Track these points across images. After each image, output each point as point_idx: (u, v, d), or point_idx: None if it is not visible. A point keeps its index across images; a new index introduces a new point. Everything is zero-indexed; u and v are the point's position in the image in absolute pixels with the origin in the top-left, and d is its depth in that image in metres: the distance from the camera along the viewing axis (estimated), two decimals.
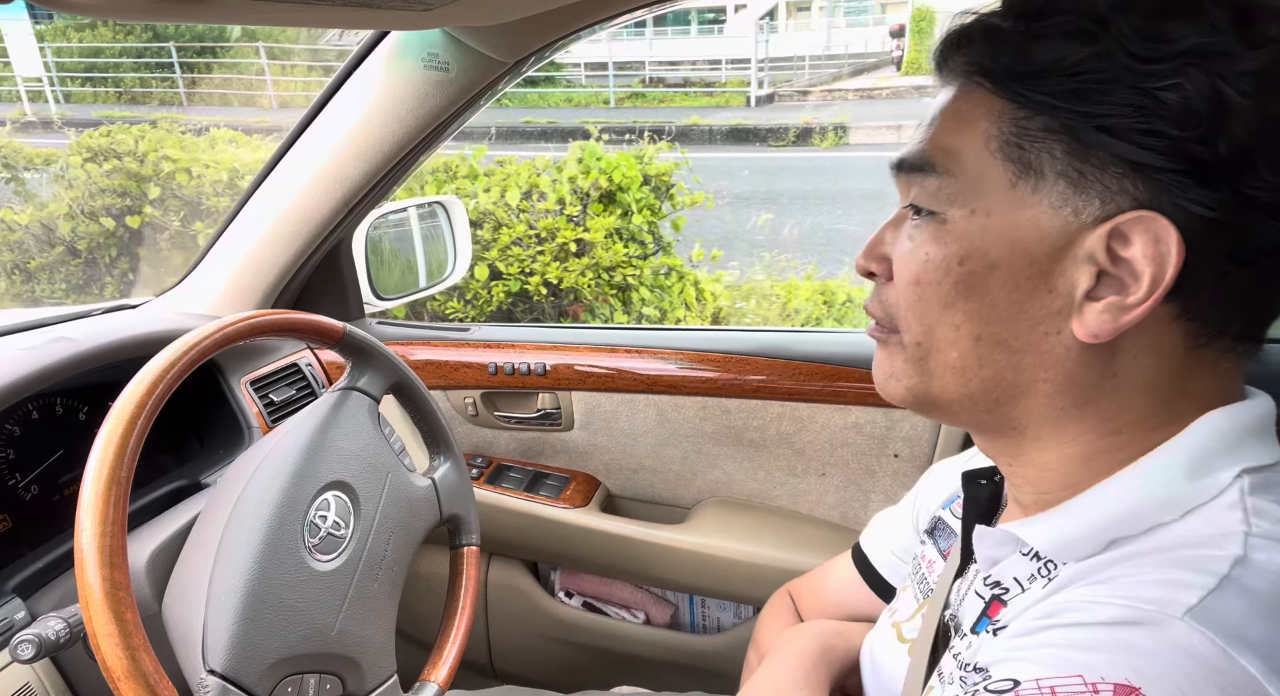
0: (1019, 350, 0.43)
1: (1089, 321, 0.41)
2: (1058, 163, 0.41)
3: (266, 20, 0.74)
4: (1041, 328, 0.43)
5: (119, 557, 0.57)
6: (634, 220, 2.97)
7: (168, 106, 11.51)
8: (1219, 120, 0.37)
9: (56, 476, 0.90)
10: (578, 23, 0.90)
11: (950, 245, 0.44)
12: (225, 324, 0.71)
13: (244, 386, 1.06)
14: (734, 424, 1.17)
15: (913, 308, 0.46)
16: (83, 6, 0.65)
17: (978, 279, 0.43)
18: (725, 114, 11.02)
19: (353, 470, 0.77)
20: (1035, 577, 0.46)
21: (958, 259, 0.44)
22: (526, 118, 10.96)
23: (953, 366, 0.46)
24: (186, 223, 3.52)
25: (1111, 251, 0.40)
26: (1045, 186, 0.41)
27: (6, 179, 4.30)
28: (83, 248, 3.72)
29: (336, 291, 1.25)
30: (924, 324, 0.46)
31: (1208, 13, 0.38)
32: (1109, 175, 0.40)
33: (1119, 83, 0.39)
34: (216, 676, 0.62)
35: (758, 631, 0.79)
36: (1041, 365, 0.43)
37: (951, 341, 0.45)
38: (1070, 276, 0.41)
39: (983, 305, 0.43)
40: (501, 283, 2.91)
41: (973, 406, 0.46)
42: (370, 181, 1.06)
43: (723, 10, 17.99)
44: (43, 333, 0.91)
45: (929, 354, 0.46)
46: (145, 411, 0.62)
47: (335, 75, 1.02)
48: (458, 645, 0.86)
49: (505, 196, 2.89)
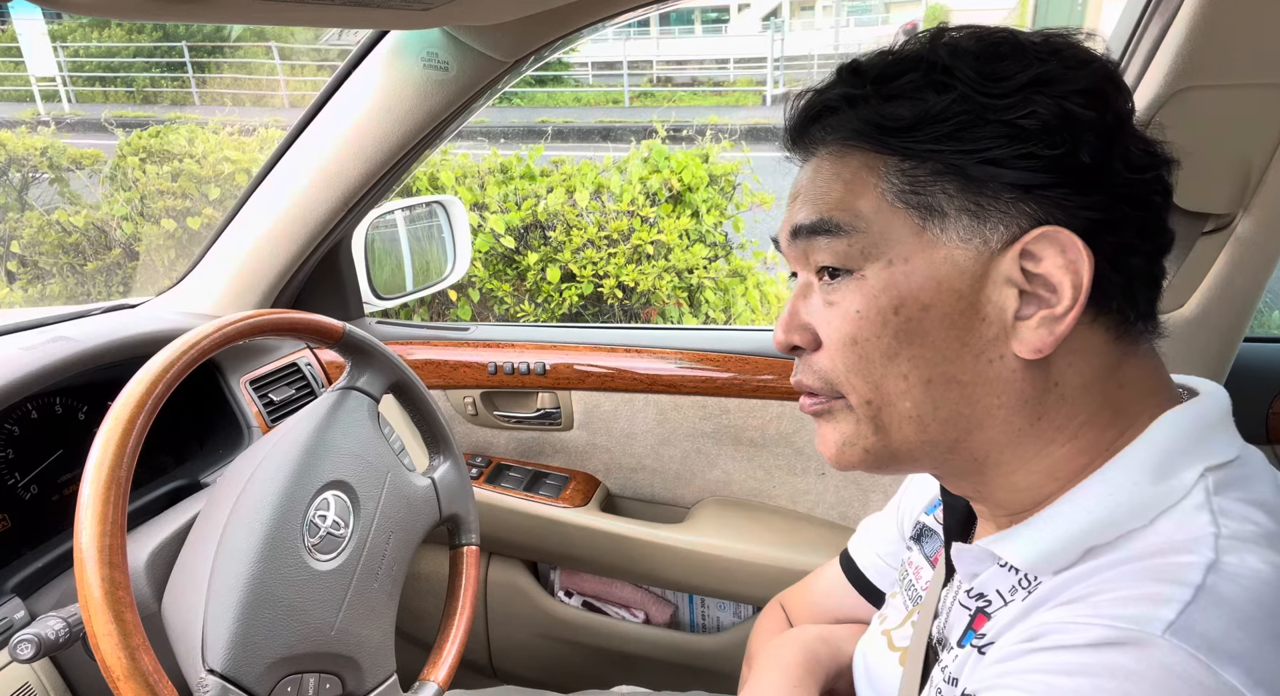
0: (969, 383, 0.44)
1: (1027, 339, 0.43)
2: (954, 200, 0.43)
3: (266, 20, 0.74)
4: (985, 356, 0.44)
5: (118, 557, 0.57)
6: (705, 221, 2.94)
7: (180, 106, 11.49)
8: (1075, 134, 0.42)
9: (56, 476, 0.90)
10: (577, 22, 0.90)
11: (879, 296, 0.45)
12: (225, 323, 0.71)
13: (243, 386, 1.06)
14: (733, 423, 1.17)
15: (855, 367, 0.46)
16: (82, 6, 0.65)
17: (915, 323, 0.44)
18: (742, 113, 10.99)
19: (352, 469, 0.77)
20: (1016, 589, 0.47)
21: (891, 308, 0.45)
22: (542, 117, 10.91)
23: (909, 415, 0.46)
24: None
25: (1025, 270, 0.43)
26: (950, 223, 0.44)
27: (51, 179, 4.27)
28: (140, 250, 3.70)
29: (336, 291, 1.25)
30: (870, 380, 0.46)
31: (1027, 50, 0.44)
32: (1003, 201, 0.43)
33: (984, 119, 0.43)
34: (216, 676, 0.62)
35: (750, 645, 0.80)
36: (993, 392, 0.44)
37: (903, 391, 0.45)
38: (997, 302, 0.43)
39: (925, 348, 0.44)
40: (575, 285, 2.88)
41: (934, 450, 0.47)
42: (370, 181, 1.06)
43: (726, 10, 17.97)
44: (42, 332, 0.91)
45: (881, 409, 0.46)
46: (145, 411, 0.62)
47: (335, 74, 1.02)
48: (457, 644, 0.86)
49: (575, 197, 2.86)
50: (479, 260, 2.97)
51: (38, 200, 4.31)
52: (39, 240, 3.84)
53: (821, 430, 0.50)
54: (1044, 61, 0.43)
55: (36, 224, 3.85)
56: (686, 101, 12.93)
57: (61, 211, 3.89)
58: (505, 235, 2.90)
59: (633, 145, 3.10)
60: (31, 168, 4.25)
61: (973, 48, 0.44)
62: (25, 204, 4.28)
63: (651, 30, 15.78)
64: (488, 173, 3.06)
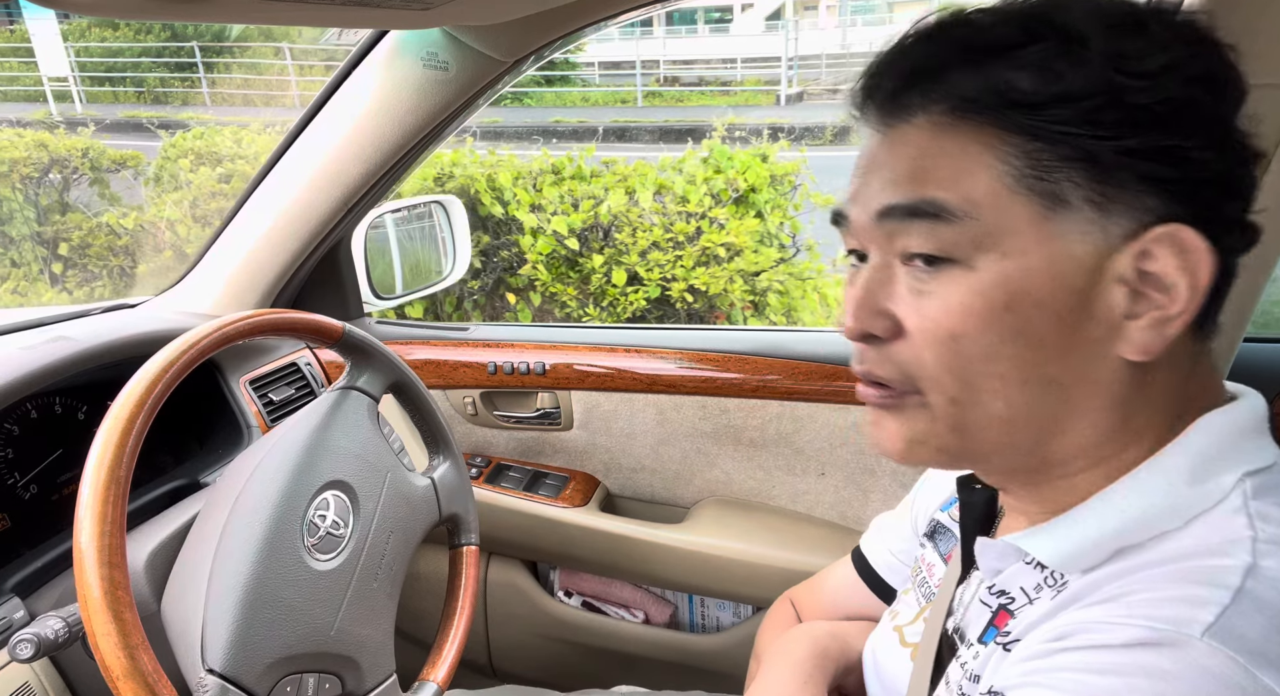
0: (1069, 384, 0.42)
1: (1136, 339, 0.40)
2: (1080, 189, 0.40)
3: (266, 19, 0.74)
4: (1089, 356, 0.41)
5: (118, 556, 0.57)
6: (770, 222, 2.89)
7: (191, 106, 11.49)
8: (1203, 125, 0.39)
9: (55, 476, 0.90)
10: (577, 22, 0.90)
11: (991, 292, 0.41)
12: (225, 323, 0.71)
13: (243, 386, 1.06)
14: (733, 423, 1.17)
15: (948, 365, 0.42)
16: (83, 6, 0.65)
17: (1025, 322, 0.41)
18: (758, 113, 10.93)
19: (352, 469, 0.77)
20: (1042, 587, 0.45)
21: (1004, 305, 0.41)
22: (555, 117, 10.86)
23: (998, 417, 0.43)
24: None
25: (1138, 268, 0.40)
26: (1072, 214, 0.40)
27: (91, 180, 4.23)
28: (191, 252, 3.70)
29: (336, 291, 1.25)
30: (963, 379, 0.42)
31: (1149, 24, 0.40)
32: (1129, 193, 0.39)
33: (1120, 102, 0.39)
34: (215, 675, 0.62)
35: (759, 641, 0.79)
36: (1091, 393, 0.42)
37: (996, 391, 0.42)
38: (1107, 300, 0.40)
39: (1029, 348, 0.41)
40: (641, 288, 2.83)
41: (1011, 451, 0.44)
42: (369, 181, 1.06)
43: (729, 9, 17.94)
44: (41, 332, 0.91)
45: (967, 409, 0.43)
46: (144, 410, 0.62)
47: (335, 74, 1.02)
48: (457, 644, 0.86)
49: (638, 198, 2.82)
50: (540, 263, 2.92)
51: (75, 201, 4.29)
52: (88, 242, 3.82)
53: (884, 423, 0.46)
54: (1168, 42, 0.40)
55: (86, 226, 3.83)
56: (693, 101, 12.87)
57: (110, 214, 3.86)
58: (569, 237, 2.86)
59: (655, 144, 3.06)
60: (73, 169, 4.22)
61: (1099, 18, 0.40)
62: (66, 206, 4.26)
63: (657, 30, 15.77)
64: (539, 173, 3.02)
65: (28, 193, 4.14)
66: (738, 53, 14.86)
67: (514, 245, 3.04)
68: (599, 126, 9.95)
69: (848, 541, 0.80)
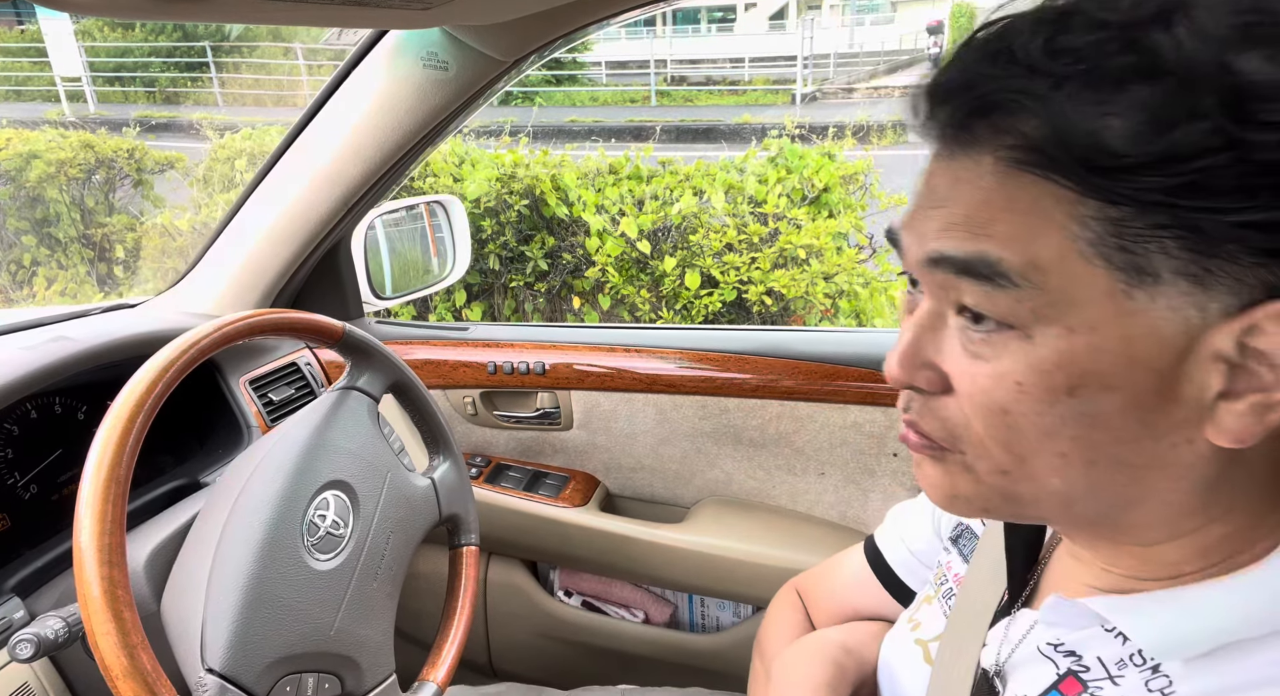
0: (1142, 467, 0.37)
1: (1229, 426, 0.34)
2: (1173, 261, 0.32)
3: (265, 19, 0.74)
4: (1169, 439, 0.36)
5: (118, 556, 0.57)
6: (844, 222, 2.80)
7: (203, 106, 11.46)
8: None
9: (55, 476, 0.90)
10: (576, 21, 0.90)
11: (1052, 372, 0.35)
12: (225, 323, 0.71)
13: (243, 385, 1.06)
14: (733, 423, 1.17)
15: (998, 438, 0.37)
16: (83, 6, 0.65)
17: (1091, 405, 0.35)
18: (773, 112, 10.84)
19: (352, 469, 0.77)
20: (1127, 665, 0.40)
21: (1065, 389, 0.35)
22: (571, 117, 10.81)
23: (1055, 492, 0.38)
24: None
25: (1243, 345, 0.33)
26: (1162, 289, 0.33)
27: (135, 182, 4.16)
28: None
29: (335, 290, 1.25)
30: (1014, 454, 0.38)
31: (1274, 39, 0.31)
32: (1239, 267, 0.32)
33: (1244, 162, 0.30)
34: (215, 675, 0.62)
35: (762, 634, 0.76)
36: (1168, 476, 0.37)
37: (1054, 469, 0.37)
38: (1198, 381, 0.34)
39: (1096, 430, 0.36)
40: (716, 291, 2.76)
41: (1074, 518, 0.40)
42: (369, 181, 1.06)
43: (732, 9, 17.92)
44: (41, 332, 0.91)
45: (1018, 482, 0.39)
46: (145, 409, 0.62)
47: (334, 74, 1.02)
48: (456, 644, 0.86)
49: (709, 199, 2.77)
50: (610, 265, 2.86)
51: (120, 203, 4.24)
52: (141, 243, 3.77)
53: (927, 470, 0.42)
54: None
55: (140, 227, 3.78)
56: (702, 101, 12.79)
57: (165, 214, 3.80)
58: (639, 239, 2.81)
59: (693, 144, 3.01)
60: (119, 171, 4.16)
61: (1221, 33, 0.31)
62: (112, 207, 4.20)
63: (660, 29, 15.76)
64: (594, 174, 2.96)
65: (74, 194, 4.10)
66: (749, 52, 14.79)
67: (579, 247, 2.97)
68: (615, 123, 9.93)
69: (847, 541, 0.79)
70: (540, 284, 3.07)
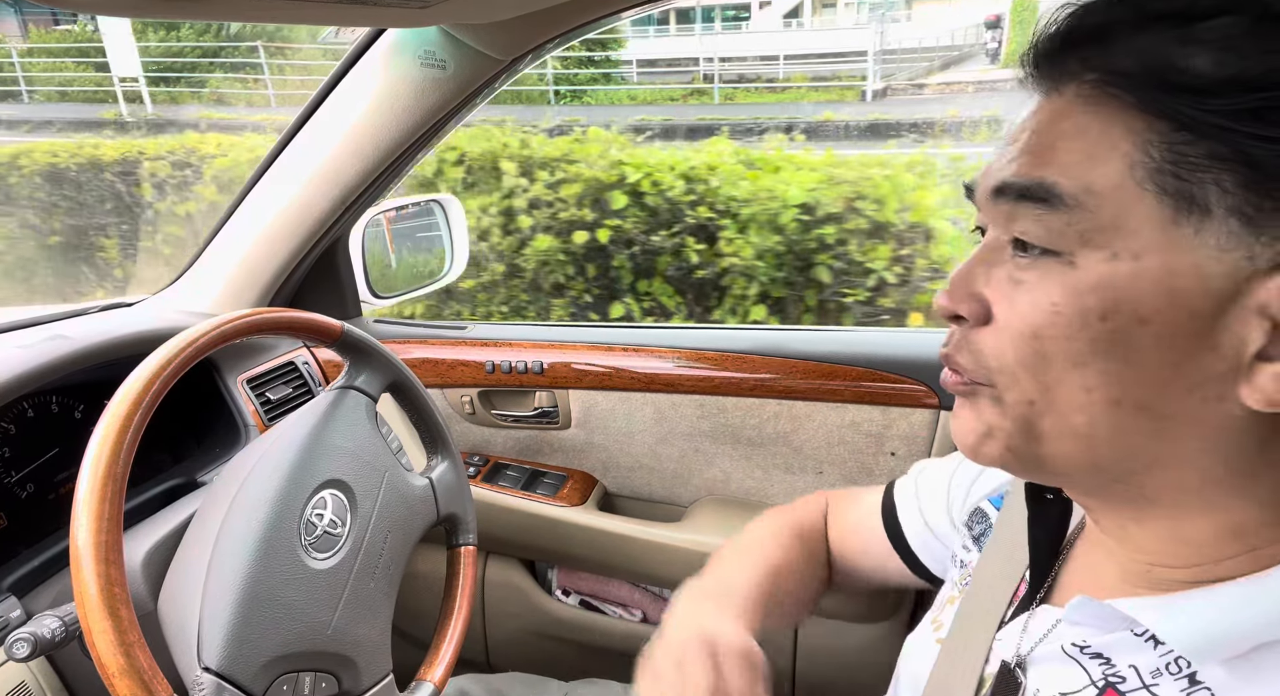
0: (1169, 417, 0.36)
1: (1265, 387, 0.34)
2: (1229, 197, 0.33)
3: (264, 17, 0.74)
4: (1199, 393, 0.35)
5: (114, 553, 0.57)
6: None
7: (255, 108, 11.35)
8: None
9: (52, 475, 0.90)
10: (574, 20, 0.90)
11: (1087, 295, 0.36)
12: (223, 321, 0.71)
13: (240, 384, 1.06)
14: (731, 422, 1.17)
15: (1028, 364, 0.38)
16: (83, 5, 0.65)
17: (1122, 336, 0.35)
18: (848, 109, 10.57)
19: (350, 469, 0.77)
20: (1163, 673, 0.38)
21: (1098, 313, 0.35)
22: (643, 116, 10.64)
23: (1077, 431, 0.38)
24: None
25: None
26: (1212, 225, 0.33)
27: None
28: None
29: (333, 289, 1.25)
30: (1041, 382, 0.38)
31: None
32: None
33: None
34: (211, 674, 0.62)
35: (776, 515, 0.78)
36: (1198, 434, 0.36)
37: (1079, 405, 0.37)
38: (1238, 332, 0.34)
39: (1126, 366, 0.36)
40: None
41: (1096, 474, 0.39)
42: (367, 179, 1.06)
43: (745, 7, 17.83)
44: (38, 330, 0.91)
45: (1042, 415, 0.38)
46: (143, 407, 0.62)
47: (332, 73, 1.02)
48: (454, 644, 0.86)
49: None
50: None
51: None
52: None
53: (960, 412, 0.42)
54: None
55: None
56: (740, 98, 12.54)
57: None
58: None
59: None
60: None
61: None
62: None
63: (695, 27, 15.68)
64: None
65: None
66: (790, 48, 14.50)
67: (917, 255, 2.75)
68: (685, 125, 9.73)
69: None
70: (884, 298, 2.80)
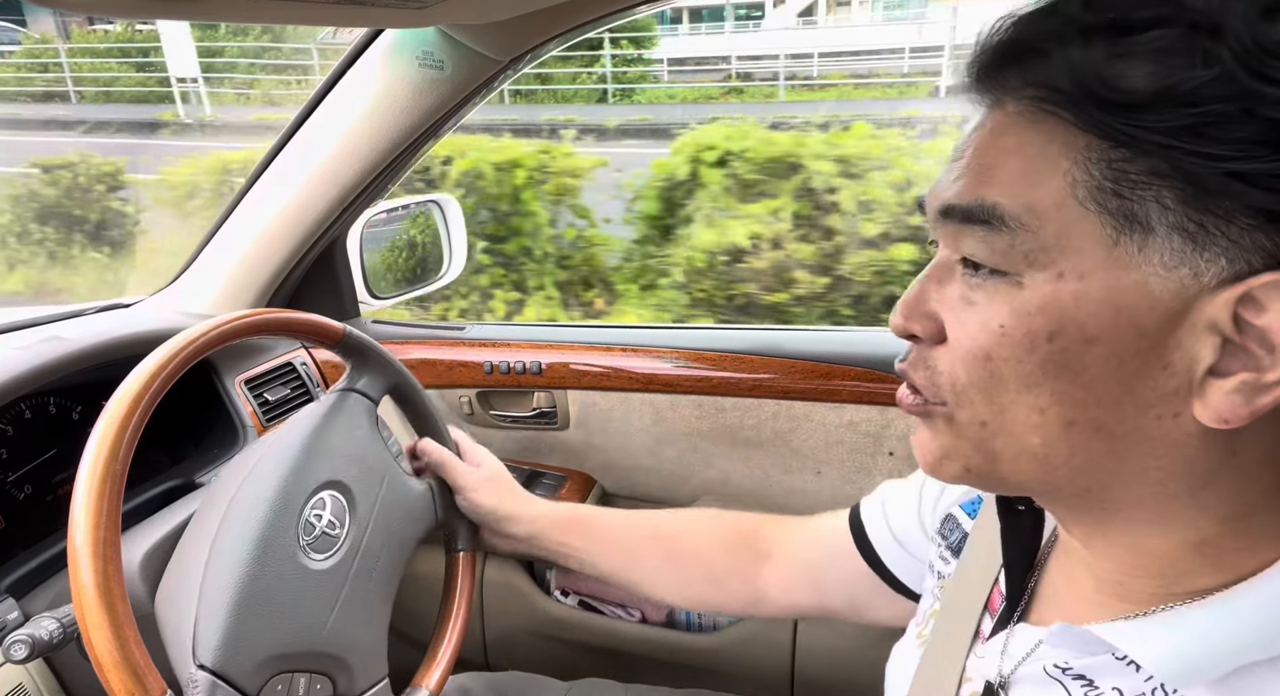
0: (1123, 436, 0.36)
1: (1216, 403, 0.34)
2: (1170, 213, 0.33)
3: (263, 18, 0.74)
4: (1153, 411, 0.35)
5: (112, 550, 0.57)
6: None
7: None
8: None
9: (50, 476, 0.90)
10: (573, 20, 0.90)
11: (1034, 316, 0.36)
12: (223, 321, 0.71)
13: (238, 385, 1.06)
14: (729, 422, 1.17)
15: (980, 386, 0.38)
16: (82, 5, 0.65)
17: (1071, 357, 0.35)
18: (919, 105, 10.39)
19: (349, 471, 0.77)
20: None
21: (1045, 334, 0.35)
22: (713, 115, 10.50)
23: (1034, 453, 0.38)
24: None
25: (1238, 318, 0.33)
26: (1154, 243, 0.33)
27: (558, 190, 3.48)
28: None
29: (331, 290, 1.24)
30: (994, 403, 0.38)
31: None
32: (1236, 227, 0.32)
33: (1249, 114, 0.31)
34: (206, 671, 0.62)
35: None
36: (1152, 452, 0.36)
37: (1033, 426, 0.37)
38: (1189, 349, 0.34)
39: (1077, 386, 0.36)
40: None
41: (1055, 492, 0.40)
42: (365, 180, 1.06)
43: (758, 6, 17.73)
44: (36, 332, 0.91)
45: (995, 436, 0.39)
46: (141, 407, 0.62)
47: (330, 73, 1.02)
48: (451, 649, 0.86)
49: None
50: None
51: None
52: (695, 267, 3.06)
53: (920, 433, 0.43)
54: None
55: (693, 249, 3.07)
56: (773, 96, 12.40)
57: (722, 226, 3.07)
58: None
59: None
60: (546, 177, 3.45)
61: (1259, 5, 0.31)
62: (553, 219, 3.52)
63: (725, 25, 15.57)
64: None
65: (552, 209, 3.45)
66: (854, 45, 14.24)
67: None
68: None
69: None
70: None
